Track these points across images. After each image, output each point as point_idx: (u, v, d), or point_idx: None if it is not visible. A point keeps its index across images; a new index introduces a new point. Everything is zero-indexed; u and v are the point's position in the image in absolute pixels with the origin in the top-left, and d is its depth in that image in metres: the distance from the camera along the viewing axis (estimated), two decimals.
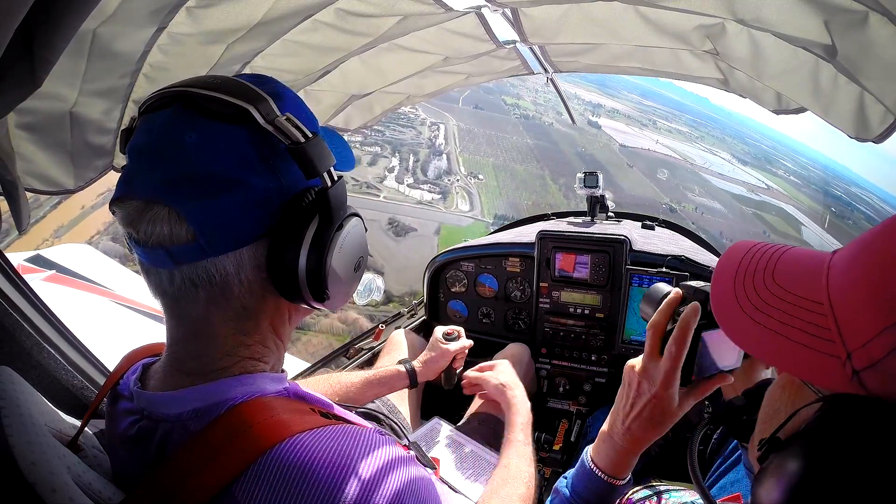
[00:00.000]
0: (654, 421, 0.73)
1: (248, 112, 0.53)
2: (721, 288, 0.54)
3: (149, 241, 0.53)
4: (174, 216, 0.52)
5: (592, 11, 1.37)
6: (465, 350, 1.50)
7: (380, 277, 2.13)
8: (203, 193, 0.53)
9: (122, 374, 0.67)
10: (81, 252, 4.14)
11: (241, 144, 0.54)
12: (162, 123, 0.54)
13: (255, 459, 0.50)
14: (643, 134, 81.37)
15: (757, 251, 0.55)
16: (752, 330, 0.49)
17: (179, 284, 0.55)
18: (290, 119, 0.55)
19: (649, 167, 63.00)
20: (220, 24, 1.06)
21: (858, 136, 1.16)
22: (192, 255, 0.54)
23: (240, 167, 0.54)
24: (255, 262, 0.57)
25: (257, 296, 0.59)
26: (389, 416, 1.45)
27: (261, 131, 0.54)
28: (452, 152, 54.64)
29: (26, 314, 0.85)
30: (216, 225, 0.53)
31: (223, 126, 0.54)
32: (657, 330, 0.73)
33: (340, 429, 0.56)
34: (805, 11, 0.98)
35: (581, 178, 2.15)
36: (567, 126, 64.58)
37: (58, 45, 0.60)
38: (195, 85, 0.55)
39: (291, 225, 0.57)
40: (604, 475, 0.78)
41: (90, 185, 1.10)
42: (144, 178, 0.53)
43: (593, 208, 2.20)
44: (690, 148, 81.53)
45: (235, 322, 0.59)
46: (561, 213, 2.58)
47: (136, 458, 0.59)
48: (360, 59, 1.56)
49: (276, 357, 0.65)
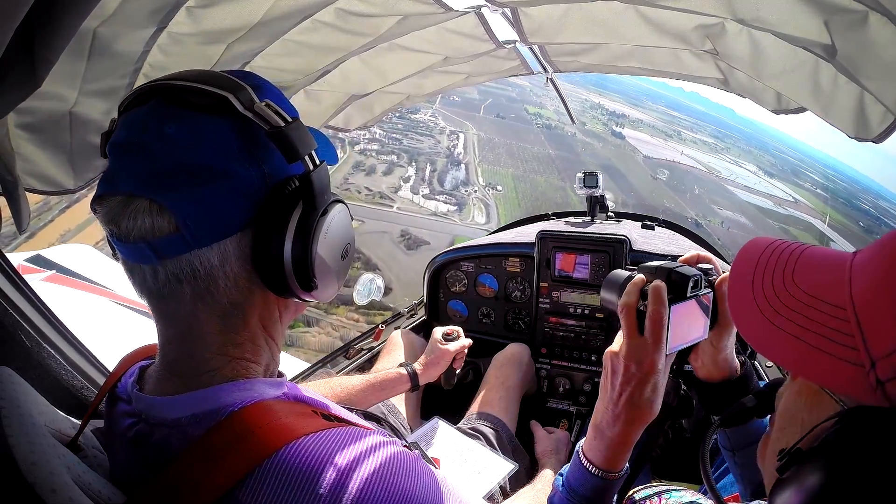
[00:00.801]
0: (647, 402, 0.72)
1: (226, 100, 0.53)
2: (738, 287, 0.52)
3: (130, 235, 0.53)
4: (156, 208, 0.52)
5: (592, 11, 1.37)
6: (465, 349, 1.50)
7: (380, 277, 2.13)
8: (185, 184, 0.52)
9: (119, 375, 0.67)
10: (81, 252, 4.14)
11: (222, 133, 0.54)
12: (140, 118, 0.54)
13: (259, 463, 0.50)
14: (668, 145, 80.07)
15: (775, 249, 0.53)
16: (771, 333, 0.47)
17: (164, 280, 0.55)
18: (270, 105, 0.55)
19: (674, 179, 61.61)
20: (220, 24, 1.06)
21: (858, 135, 1.16)
22: (175, 248, 0.53)
23: (221, 156, 0.53)
24: (240, 254, 0.56)
25: (244, 290, 0.58)
26: (389, 416, 1.45)
27: (241, 119, 0.54)
28: (471, 162, 53.55)
29: (26, 314, 0.84)
30: (199, 215, 0.53)
31: (202, 116, 0.53)
32: (631, 310, 0.73)
33: (343, 431, 0.56)
34: (805, 11, 0.98)
35: (581, 178, 2.16)
36: (591, 136, 63.33)
37: (58, 45, 0.60)
38: (173, 78, 0.55)
39: (275, 212, 0.56)
40: (598, 470, 0.76)
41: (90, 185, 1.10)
42: (125, 174, 0.53)
43: (593, 208, 2.20)
44: (716, 159, 79.94)
45: (222, 319, 0.58)
46: (561, 213, 2.58)
47: (135, 460, 0.59)
48: (360, 59, 1.56)
49: (269, 356, 0.64)
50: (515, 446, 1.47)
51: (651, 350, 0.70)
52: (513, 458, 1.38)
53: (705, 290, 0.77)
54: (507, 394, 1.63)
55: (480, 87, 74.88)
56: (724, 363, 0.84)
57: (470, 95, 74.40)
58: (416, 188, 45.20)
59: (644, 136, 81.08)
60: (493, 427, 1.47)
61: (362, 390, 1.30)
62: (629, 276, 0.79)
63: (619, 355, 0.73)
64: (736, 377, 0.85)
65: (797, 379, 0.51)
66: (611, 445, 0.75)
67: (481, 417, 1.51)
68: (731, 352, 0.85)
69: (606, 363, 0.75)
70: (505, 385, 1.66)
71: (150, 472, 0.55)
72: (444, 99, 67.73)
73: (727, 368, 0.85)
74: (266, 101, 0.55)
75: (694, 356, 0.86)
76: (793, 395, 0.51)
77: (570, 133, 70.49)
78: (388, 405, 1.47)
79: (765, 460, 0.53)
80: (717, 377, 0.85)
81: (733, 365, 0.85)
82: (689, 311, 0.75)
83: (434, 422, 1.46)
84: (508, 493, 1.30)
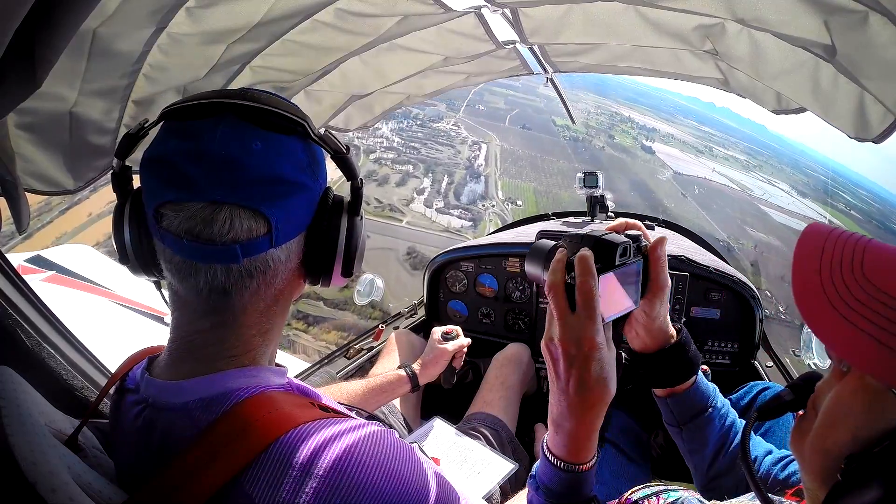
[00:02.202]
0: (599, 381, 0.66)
1: (303, 125, 0.62)
2: (804, 277, 0.49)
3: (222, 238, 0.57)
4: (250, 214, 0.58)
5: (592, 11, 1.37)
6: (464, 349, 1.50)
7: (380, 278, 2.13)
8: (275, 194, 0.60)
9: (124, 374, 0.69)
10: (81, 253, 4.14)
11: (298, 152, 0.62)
12: (224, 132, 0.58)
13: (263, 449, 0.53)
14: (699, 161, 76.79)
15: (838, 239, 0.50)
16: (843, 329, 0.45)
17: (237, 276, 0.60)
18: (330, 133, 0.66)
19: (705, 197, 58.10)
20: (220, 24, 1.06)
21: (858, 136, 1.16)
22: (261, 248, 0.60)
23: (298, 171, 0.62)
24: (298, 250, 0.66)
25: (289, 281, 0.66)
26: (389, 416, 1.45)
27: (310, 141, 0.63)
28: (492, 175, 50.98)
29: (26, 314, 0.84)
30: (284, 219, 0.61)
31: (282, 137, 0.61)
32: (559, 287, 0.67)
33: (340, 420, 0.60)
34: (805, 11, 0.98)
35: (581, 178, 2.16)
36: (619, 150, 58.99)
37: (58, 45, 0.60)
38: (244, 98, 0.61)
39: (329, 216, 0.66)
40: (564, 464, 0.71)
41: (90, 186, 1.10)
42: (211, 181, 0.57)
43: (593, 208, 2.20)
44: (748, 177, 75.88)
45: (265, 309, 0.64)
46: (561, 212, 2.58)
47: (142, 448, 0.61)
48: (360, 59, 1.56)
49: (275, 344, 0.69)
50: (515, 446, 1.47)
51: (586, 325, 0.65)
52: (513, 458, 1.38)
53: (635, 258, 0.75)
54: (507, 394, 1.63)
55: (508, 97, 73.77)
56: (659, 332, 0.83)
57: (496, 105, 71.82)
58: (431, 201, 42.43)
59: (674, 152, 77.17)
60: (492, 427, 1.47)
61: (363, 395, 1.30)
62: (553, 247, 0.73)
63: (555, 340, 0.67)
64: (671, 344, 0.84)
65: (853, 377, 0.48)
66: (572, 436, 0.69)
67: (481, 417, 1.51)
68: (666, 319, 0.83)
69: (545, 352, 0.69)
70: (505, 385, 1.66)
71: (155, 460, 0.58)
72: (469, 108, 65.50)
73: (661, 337, 0.84)
74: (326, 130, 0.66)
75: (627, 328, 0.84)
76: (846, 393, 0.48)
77: (599, 146, 67.78)
78: (388, 405, 1.48)
79: (804, 454, 0.51)
80: (652, 347, 0.84)
81: (668, 332, 0.84)
82: (620, 279, 0.72)
83: (434, 422, 1.46)
84: (509, 494, 1.30)
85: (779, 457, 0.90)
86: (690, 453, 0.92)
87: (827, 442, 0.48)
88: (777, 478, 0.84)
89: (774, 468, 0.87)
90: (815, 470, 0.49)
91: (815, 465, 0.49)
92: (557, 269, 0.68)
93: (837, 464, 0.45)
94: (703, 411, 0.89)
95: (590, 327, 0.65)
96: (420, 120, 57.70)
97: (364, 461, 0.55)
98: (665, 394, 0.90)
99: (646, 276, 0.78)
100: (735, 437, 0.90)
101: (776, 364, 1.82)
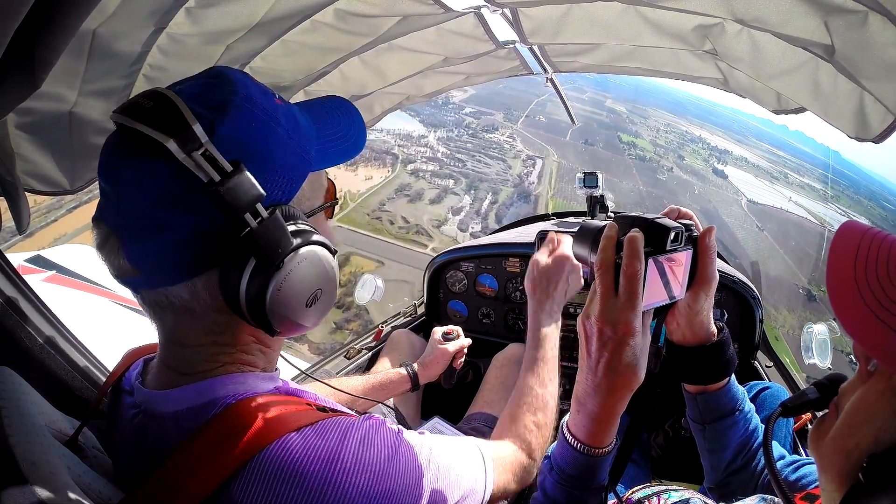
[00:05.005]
0: (628, 367, 0.65)
1: (164, 146, 0.49)
2: (840, 274, 0.48)
3: (114, 267, 0.56)
4: (121, 252, 0.54)
5: (592, 11, 1.37)
6: (464, 349, 1.50)
7: (380, 278, 2.13)
8: (138, 233, 0.53)
9: (121, 373, 0.69)
10: (81, 253, 4.13)
11: (162, 181, 0.51)
12: (109, 150, 0.55)
13: (250, 458, 0.52)
14: (774, 188, 70.14)
15: (874, 237, 0.49)
16: (876, 329, 0.45)
17: (147, 304, 0.58)
18: (208, 153, 0.50)
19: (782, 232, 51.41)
20: (220, 24, 1.06)
21: (858, 136, 1.16)
22: (143, 285, 0.56)
23: (164, 206, 0.51)
24: (211, 290, 0.56)
25: (226, 313, 0.58)
26: (389, 416, 1.45)
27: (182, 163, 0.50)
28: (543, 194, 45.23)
29: (26, 314, 0.84)
30: (152, 263, 0.54)
31: (147, 161, 0.51)
32: (608, 265, 0.65)
33: (331, 422, 0.58)
34: (804, 11, 0.98)
35: (581, 178, 2.16)
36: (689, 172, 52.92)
37: (58, 46, 0.60)
38: (128, 109, 0.52)
39: (232, 259, 0.54)
40: (583, 447, 0.70)
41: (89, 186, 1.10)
42: (108, 206, 0.55)
43: (593, 208, 2.20)
44: (825, 209, 68.57)
45: (210, 336, 0.60)
46: (561, 212, 2.58)
47: (136, 452, 0.61)
48: (360, 60, 1.56)
49: (265, 360, 0.65)
50: None
51: (625, 308, 0.63)
52: None
53: (685, 247, 0.72)
54: (507, 394, 1.62)
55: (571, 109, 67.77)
56: (700, 327, 0.81)
57: (557, 117, 63.92)
58: (467, 223, 35.90)
59: (748, 177, 70.26)
60: (493, 427, 1.47)
61: (363, 391, 1.30)
62: (602, 227, 0.70)
63: (591, 319, 0.66)
64: (711, 343, 0.81)
65: (881, 378, 0.48)
66: (594, 418, 0.68)
67: (481, 417, 1.51)
68: (709, 315, 0.81)
69: (580, 328, 0.68)
70: (505, 385, 1.65)
71: (148, 464, 0.57)
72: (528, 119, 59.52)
73: (703, 332, 0.81)
74: (205, 148, 0.50)
75: (670, 318, 0.82)
76: (873, 393, 0.47)
77: (667, 168, 61.51)
78: (385, 407, 1.48)
79: (823, 453, 0.51)
80: (692, 341, 0.82)
81: (710, 329, 0.82)
82: (667, 266, 0.70)
83: (434, 422, 1.46)
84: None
85: (791, 460, 0.90)
86: (709, 452, 0.91)
87: (849, 442, 0.47)
88: (788, 479, 0.84)
89: (786, 470, 0.87)
90: (834, 470, 0.49)
91: (835, 465, 0.49)
92: (608, 245, 0.66)
93: (858, 464, 0.45)
94: (730, 413, 0.87)
95: (628, 311, 0.63)
96: (472, 129, 52.16)
97: (350, 467, 0.55)
98: (696, 390, 0.88)
99: (694, 267, 0.75)
100: (756, 441, 0.89)
101: (776, 364, 1.82)
